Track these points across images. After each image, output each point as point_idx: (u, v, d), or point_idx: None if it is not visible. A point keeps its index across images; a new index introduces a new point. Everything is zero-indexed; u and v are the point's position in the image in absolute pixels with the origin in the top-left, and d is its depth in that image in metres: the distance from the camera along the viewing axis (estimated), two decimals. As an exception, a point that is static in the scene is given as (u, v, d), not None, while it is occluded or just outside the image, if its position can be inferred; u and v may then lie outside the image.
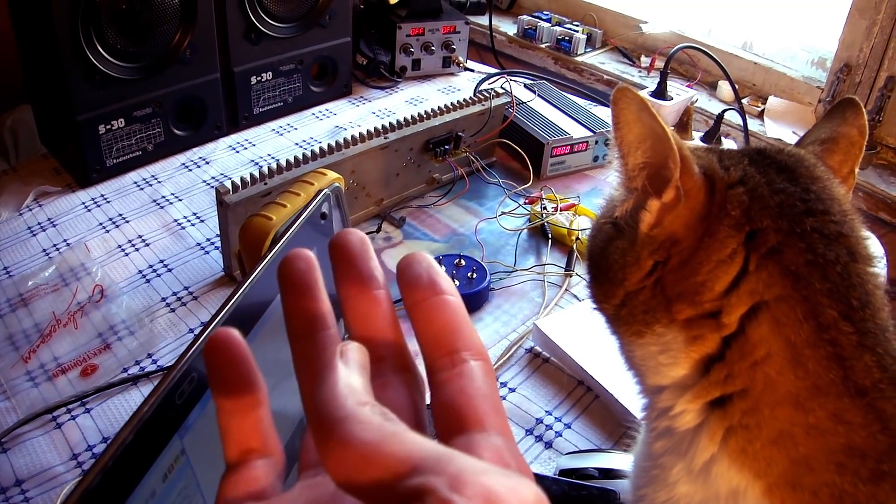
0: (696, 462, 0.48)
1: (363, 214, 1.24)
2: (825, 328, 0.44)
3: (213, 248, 1.18)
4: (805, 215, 0.47)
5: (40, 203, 1.29)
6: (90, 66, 1.21)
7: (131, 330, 1.03)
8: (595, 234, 0.56)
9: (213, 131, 1.46)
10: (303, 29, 1.50)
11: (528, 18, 2.03)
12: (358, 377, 0.29)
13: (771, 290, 0.45)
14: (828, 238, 0.46)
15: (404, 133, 1.22)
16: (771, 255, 0.46)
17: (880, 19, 1.50)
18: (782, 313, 0.45)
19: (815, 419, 0.44)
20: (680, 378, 0.49)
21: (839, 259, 0.46)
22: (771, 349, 0.45)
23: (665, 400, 0.51)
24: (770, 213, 0.47)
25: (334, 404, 0.27)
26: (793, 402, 0.45)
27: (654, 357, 0.50)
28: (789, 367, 0.45)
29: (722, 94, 1.74)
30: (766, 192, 0.48)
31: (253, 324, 0.49)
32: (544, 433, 0.90)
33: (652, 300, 0.49)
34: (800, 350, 0.45)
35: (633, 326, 0.51)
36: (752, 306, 0.46)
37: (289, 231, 0.54)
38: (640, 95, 0.47)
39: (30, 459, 0.86)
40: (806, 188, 0.48)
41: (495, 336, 1.04)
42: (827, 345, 0.44)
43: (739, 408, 0.47)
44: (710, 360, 0.48)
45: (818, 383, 0.44)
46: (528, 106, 1.47)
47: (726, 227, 0.47)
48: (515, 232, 1.22)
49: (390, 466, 0.25)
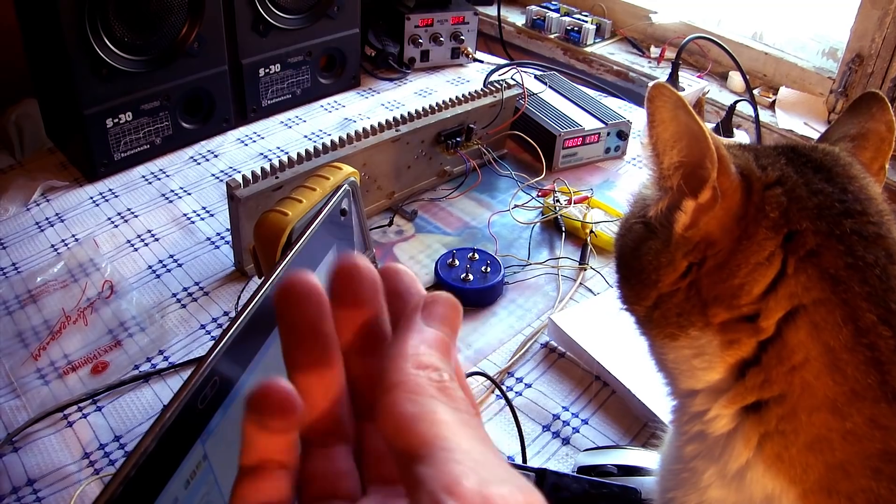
0: (731, 467, 0.47)
1: (375, 208, 1.23)
2: (864, 332, 0.43)
3: (223, 243, 1.17)
4: (843, 216, 0.45)
5: (48, 198, 1.28)
6: (97, 59, 1.20)
7: (142, 326, 1.01)
8: (625, 234, 0.54)
9: (221, 124, 1.44)
10: (311, 20, 1.49)
11: (537, 9, 2.00)
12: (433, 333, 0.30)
13: (809, 293, 0.44)
14: (866, 240, 0.45)
15: (416, 125, 1.20)
16: (809, 257, 0.45)
17: (893, 9, 1.48)
18: (821, 317, 0.44)
19: (853, 424, 0.43)
20: (714, 382, 0.48)
21: (878, 262, 0.44)
22: (809, 354, 0.44)
23: (698, 404, 0.49)
24: (808, 214, 0.45)
25: (394, 365, 0.28)
26: (830, 408, 0.44)
27: (687, 361, 0.49)
28: (827, 372, 0.44)
29: (733, 84, 1.72)
30: (805, 193, 0.46)
31: (273, 326, 0.47)
32: (561, 429, 0.89)
33: (686, 303, 0.48)
34: (838, 355, 0.43)
35: (665, 329, 0.49)
36: (790, 310, 0.45)
37: (309, 228, 0.53)
38: (677, 93, 0.45)
39: (41, 459, 0.85)
40: (843, 188, 0.47)
41: (510, 331, 1.03)
42: (865, 349, 0.43)
43: (776, 413, 0.45)
44: (745, 365, 0.47)
45: (856, 388, 0.43)
46: (539, 97, 1.45)
47: (764, 229, 0.45)
48: (528, 225, 1.21)
49: (412, 445, 0.26)
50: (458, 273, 1.06)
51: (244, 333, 0.44)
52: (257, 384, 0.29)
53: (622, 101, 1.64)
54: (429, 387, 0.27)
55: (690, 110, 0.45)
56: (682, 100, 0.45)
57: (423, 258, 1.15)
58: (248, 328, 0.44)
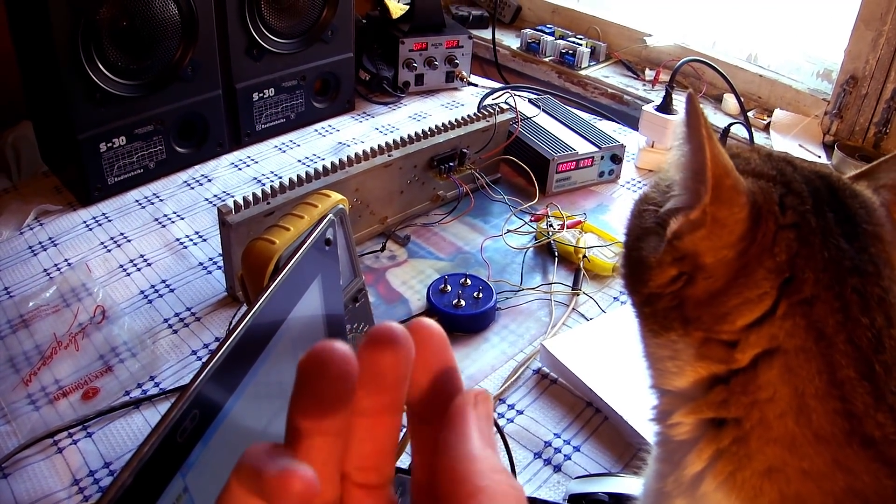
0: (685, 475, 0.47)
1: (367, 233, 1.23)
2: (839, 385, 0.43)
3: (215, 268, 1.17)
4: (850, 274, 0.45)
5: (41, 222, 1.28)
6: (91, 83, 1.20)
7: (133, 352, 1.01)
8: (635, 215, 0.54)
9: (215, 148, 1.45)
10: (305, 45, 1.49)
11: (532, 32, 2.02)
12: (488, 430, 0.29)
13: (792, 339, 0.44)
14: (867, 300, 0.44)
15: (408, 150, 1.20)
16: (802, 305, 0.44)
17: (886, 30, 1.49)
18: (797, 364, 0.44)
19: (811, 465, 0.43)
20: (682, 389, 0.48)
21: (874, 324, 0.44)
22: (776, 394, 0.44)
23: (665, 405, 0.50)
24: (815, 264, 0.45)
25: (473, 469, 0.27)
26: (787, 445, 0.44)
27: (662, 360, 0.49)
28: (791, 414, 0.44)
29: (727, 107, 1.73)
30: (818, 243, 0.45)
31: (259, 353, 0.47)
32: (553, 456, 0.89)
33: (671, 311, 0.48)
34: (806, 401, 0.43)
35: (651, 325, 0.50)
36: (768, 349, 0.44)
37: (293, 258, 0.52)
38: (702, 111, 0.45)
39: (31, 485, 0.85)
40: (863, 247, 0.46)
41: (502, 357, 1.02)
42: (836, 400, 0.43)
43: (731, 434, 0.46)
44: (714, 381, 0.47)
45: (819, 433, 0.43)
46: (532, 121, 1.46)
47: (765, 270, 0.45)
48: (521, 250, 1.21)
49: None
50: (451, 299, 1.06)
51: (228, 362, 0.44)
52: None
53: (616, 125, 1.65)
54: (510, 498, 0.27)
55: (707, 129, 0.44)
56: (706, 119, 0.45)
57: (416, 283, 1.15)
58: (231, 358, 0.44)
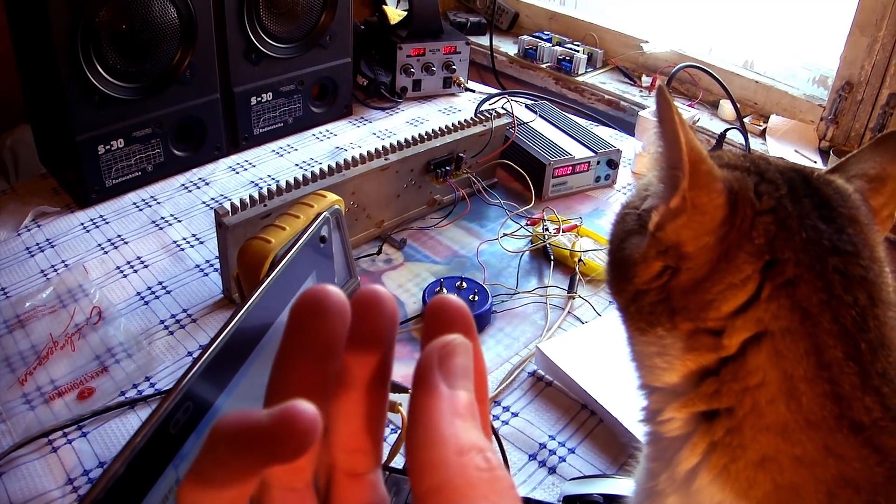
0: (678, 471, 0.48)
1: (364, 236, 1.23)
2: (826, 366, 0.43)
3: (212, 270, 1.17)
4: (830, 254, 0.45)
5: (39, 223, 1.28)
6: (89, 86, 1.21)
7: (129, 353, 1.01)
8: (618, 222, 0.55)
9: (212, 152, 1.45)
10: (303, 49, 1.50)
11: (529, 38, 2.02)
12: (460, 399, 0.26)
13: (778, 321, 0.44)
14: (849, 280, 0.45)
15: (405, 154, 1.21)
16: (785, 286, 0.45)
17: (881, 36, 1.50)
18: (784, 346, 0.44)
19: (803, 451, 0.44)
20: (672, 384, 0.49)
21: (857, 302, 0.44)
22: (766, 378, 0.44)
23: (655, 403, 0.50)
24: (794, 245, 0.45)
25: (435, 458, 0.25)
26: (779, 432, 0.44)
27: (650, 357, 0.49)
28: (781, 399, 0.44)
29: (723, 113, 1.74)
30: (796, 225, 0.46)
31: (252, 349, 0.48)
32: (548, 458, 0.89)
33: (658, 305, 0.48)
34: (796, 384, 0.44)
35: (637, 323, 0.50)
36: (755, 333, 0.45)
37: (287, 255, 0.53)
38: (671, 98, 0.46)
39: (25, 484, 0.85)
40: (840, 228, 0.47)
41: (497, 359, 1.03)
42: (825, 382, 0.43)
43: (725, 425, 0.46)
44: (704, 373, 0.47)
45: (810, 418, 0.43)
46: (529, 126, 1.46)
47: (746, 254, 0.45)
48: (517, 254, 1.22)
49: None
50: (446, 300, 1.06)
51: (220, 357, 0.44)
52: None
53: (613, 130, 1.65)
54: (480, 484, 0.25)
55: (679, 117, 0.45)
56: (677, 108, 0.46)
57: (412, 287, 1.15)
58: (224, 352, 0.44)
